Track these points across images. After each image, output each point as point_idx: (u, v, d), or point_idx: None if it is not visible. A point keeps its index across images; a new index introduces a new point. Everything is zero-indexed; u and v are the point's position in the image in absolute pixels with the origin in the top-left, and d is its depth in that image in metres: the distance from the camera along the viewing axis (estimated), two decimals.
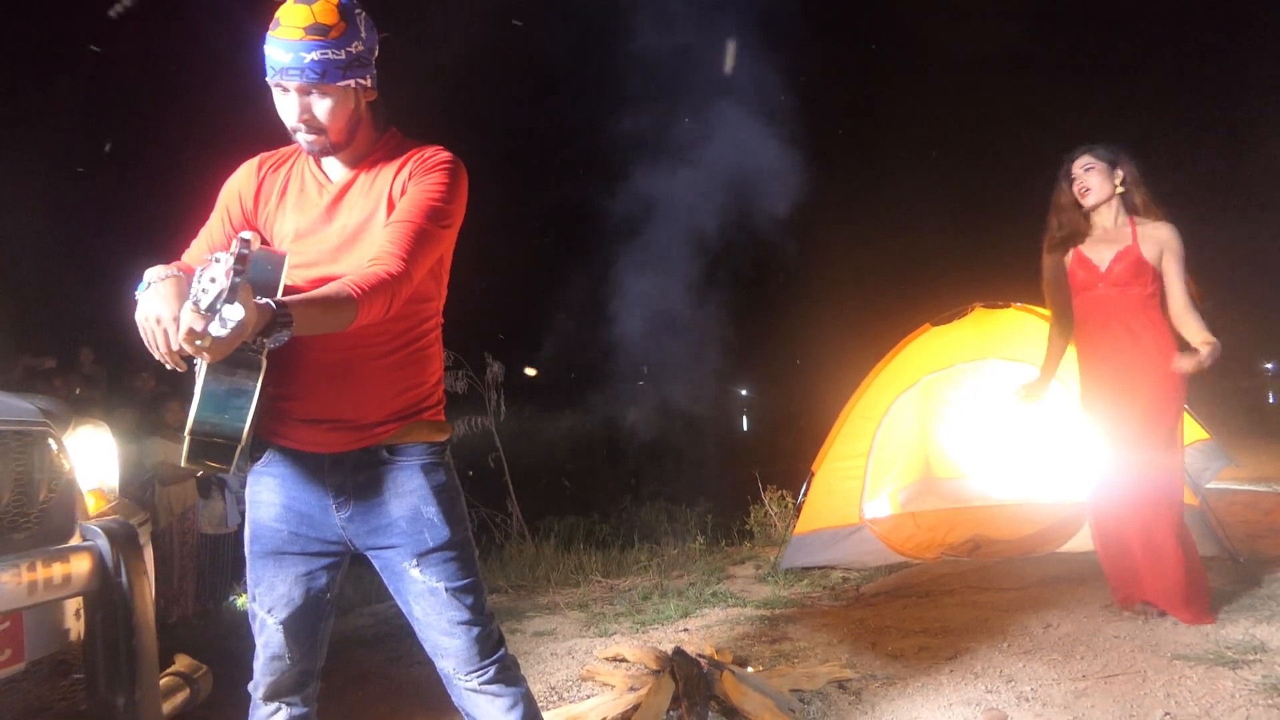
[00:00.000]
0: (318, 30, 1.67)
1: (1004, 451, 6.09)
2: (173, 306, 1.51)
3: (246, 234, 1.35)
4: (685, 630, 4.08)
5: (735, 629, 4.02)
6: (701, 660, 3.08)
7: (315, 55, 1.67)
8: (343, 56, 1.70)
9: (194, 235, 1.94)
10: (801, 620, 4.10)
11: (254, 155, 1.92)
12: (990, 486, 6.09)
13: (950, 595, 4.33)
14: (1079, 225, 3.56)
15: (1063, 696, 2.82)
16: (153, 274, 1.62)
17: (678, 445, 11.19)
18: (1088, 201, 3.51)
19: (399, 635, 4.34)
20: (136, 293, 1.60)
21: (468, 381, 7.27)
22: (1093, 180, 3.50)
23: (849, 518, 5.36)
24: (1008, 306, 5.45)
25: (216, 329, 1.29)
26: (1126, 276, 3.42)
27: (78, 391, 5.67)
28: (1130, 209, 3.54)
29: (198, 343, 1.32)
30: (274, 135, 1.83)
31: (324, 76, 1.69)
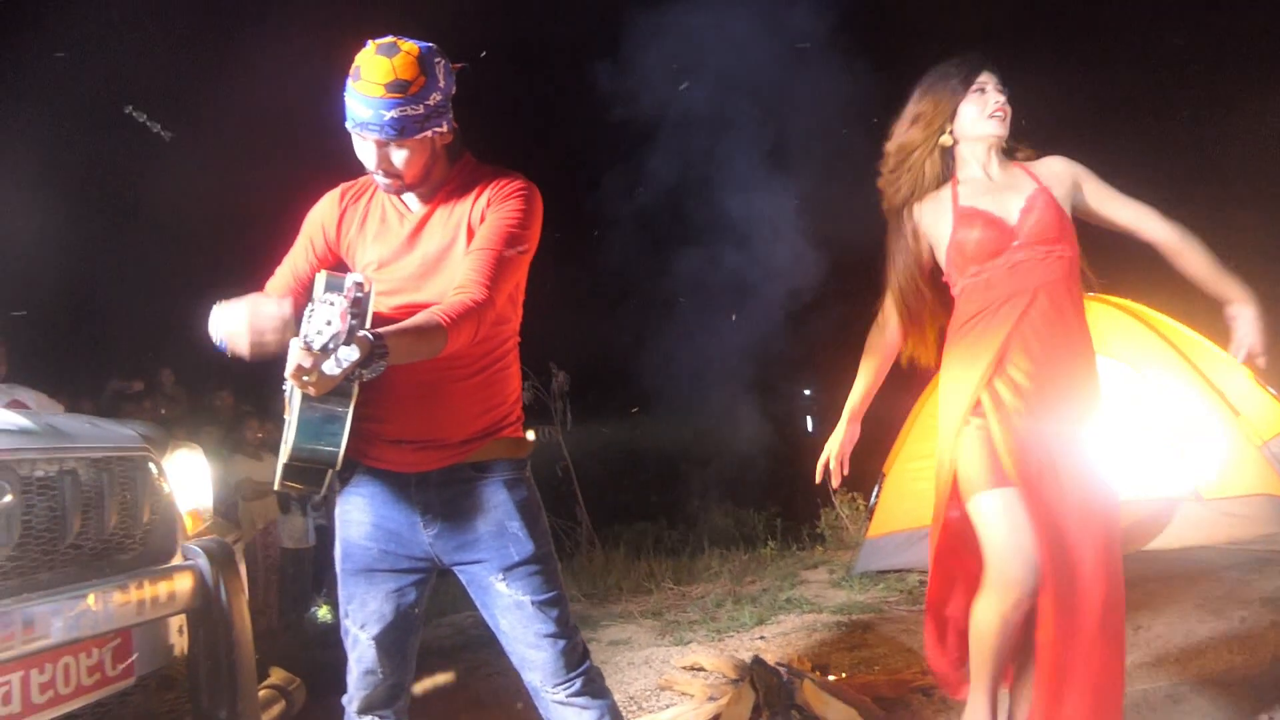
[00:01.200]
0: (397, 87, 1.69)
1: (1086, 448, 5.90)
2: (241, 320, 1.56)
3: (359, 277, 1.40)
4: (762, 638, 4.07)
5: (812, 636, 3.99)
6: (781, 669, 3.06)
7: (394, 113, 1.70)
8: (420, 111, 1.72)
9: (266, 255, 2.02)
10: (880, 626, 4.04)
11: (334, 188, 1.98)
12: None
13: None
14: (932, 166, 2.39)
15: (1160, 702, 2.74)
16: (225, 308, 1.68)
17: (743, 448, 11.14)
18: (1000, 127, 2.33)
19: (475, 645, 4.42)
20: (216, 326, 1.67)
21: (533, 391, 7.36)
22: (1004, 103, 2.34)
23: (924, 519, 5.22)
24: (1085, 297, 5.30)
25: (330, 368, 1.35)
26: (1050, 231, 2.26)
27: (162, 412, 5.89)
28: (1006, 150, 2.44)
29: (305, 379, 1.38)
30: (351, 165, 1.88)
31: (402, 133, 1.72)
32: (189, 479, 2.48)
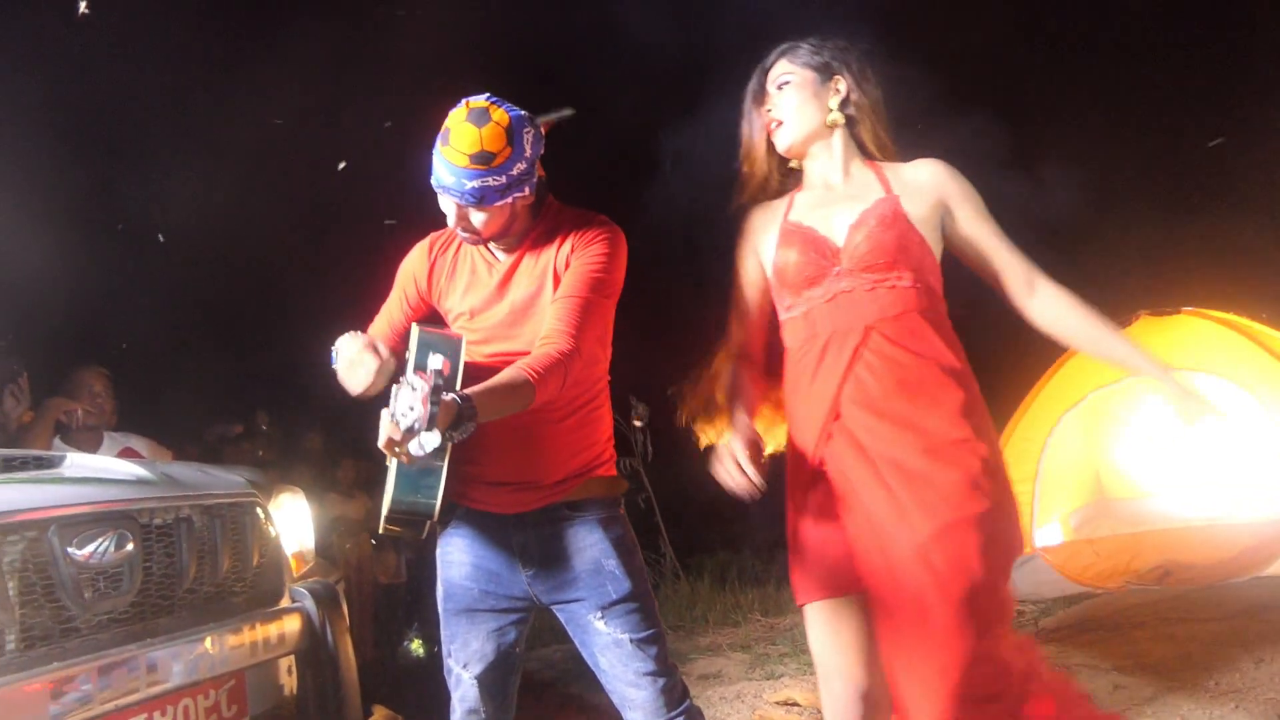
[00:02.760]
0: (482, 159, 1.72)
1: (1191, 468, 5.65)
2: (361, 343, 1.72)
3: (438, 363, 1.47)
4: None
5: None
6: None
7: (476, 183, 1.74)
8: (503, 181, 1.76)
9: (353, 302, 2.11)
10: None
11: (425, 239, 2.04)
12: (1177, 506, 5.65)
13: (1141, 628, 4.04)
14: (774, 180, 1.99)
15: None
16: (343, 345, 1.78)
17: None
18: (779, 141, 1.93)
19: (567, 680, 4.43)
20: (332, 364, 1.78)
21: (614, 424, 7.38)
22: (787, 103, 1.90)
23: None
24: (1177, 313, 5.11)
25: (415, 449, 1.43)
26: (883, 254, 1.80)
27: (260, 454, 6.11)
28: (863, 148, 1.96)
29: (395, 449, 1.46)
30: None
31: (482, 201, 1.77)
32: (292, 522, 2.57)
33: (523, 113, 1.80)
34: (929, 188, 1.88)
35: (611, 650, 1.87)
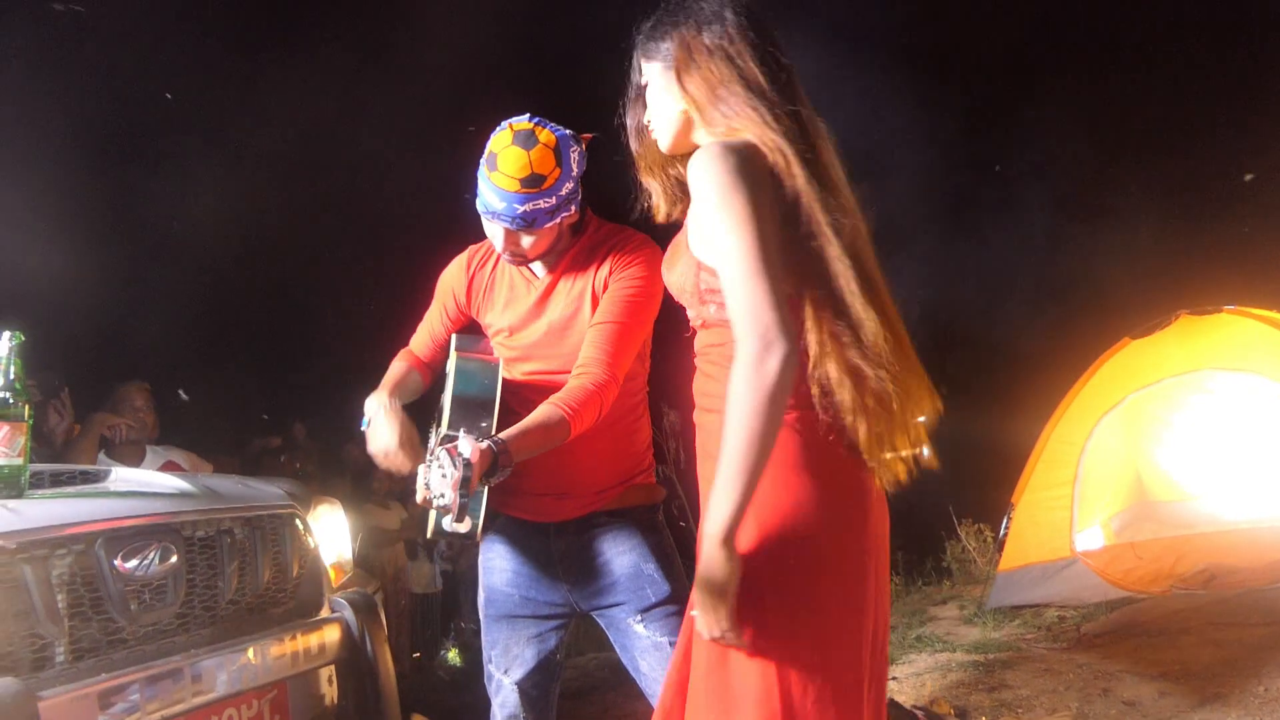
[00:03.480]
0: (532, 182, 1.73)
1: (1236, 469, 5.54)
2: (394, 436, 1.73)
3: (467, 450, 1.48)
4: (894, 678, 3.93)
5: (947, 676, 3.84)
6: (919, 712, 2.96)
7: (527, 207, 1.74)
8: (553, 202, 1.76)
9: (390, 315, 2.14)
10: (1019, 665, 3.86)
11: (463, 253, 2.06)
12: (1221, 509, 5.54)
13: (1187, 633, 3.96)
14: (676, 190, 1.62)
15: None
16: (371, 408, 1.82)
17: None
18: (661, 149, 1.56)
19: (604, 688, 4.43)
20: (362, 427, 1.82)
21: None
22: (651, 106, 1.55)
23: (1059, 550, 5.02)
24: (1218, 311, 5.01)
25: (448, 524, 1.50)
26: (680, 293, 1.51)
27: (298, 466, 6.19)
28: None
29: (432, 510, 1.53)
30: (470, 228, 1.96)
31: (533, 224, 1.77)
32: (331, 532, 2.59)
33: (566, 131, 1.80)
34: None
35: (651, 654, 1.87)
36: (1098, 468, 5.28)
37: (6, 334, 1.93)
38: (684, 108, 1.47)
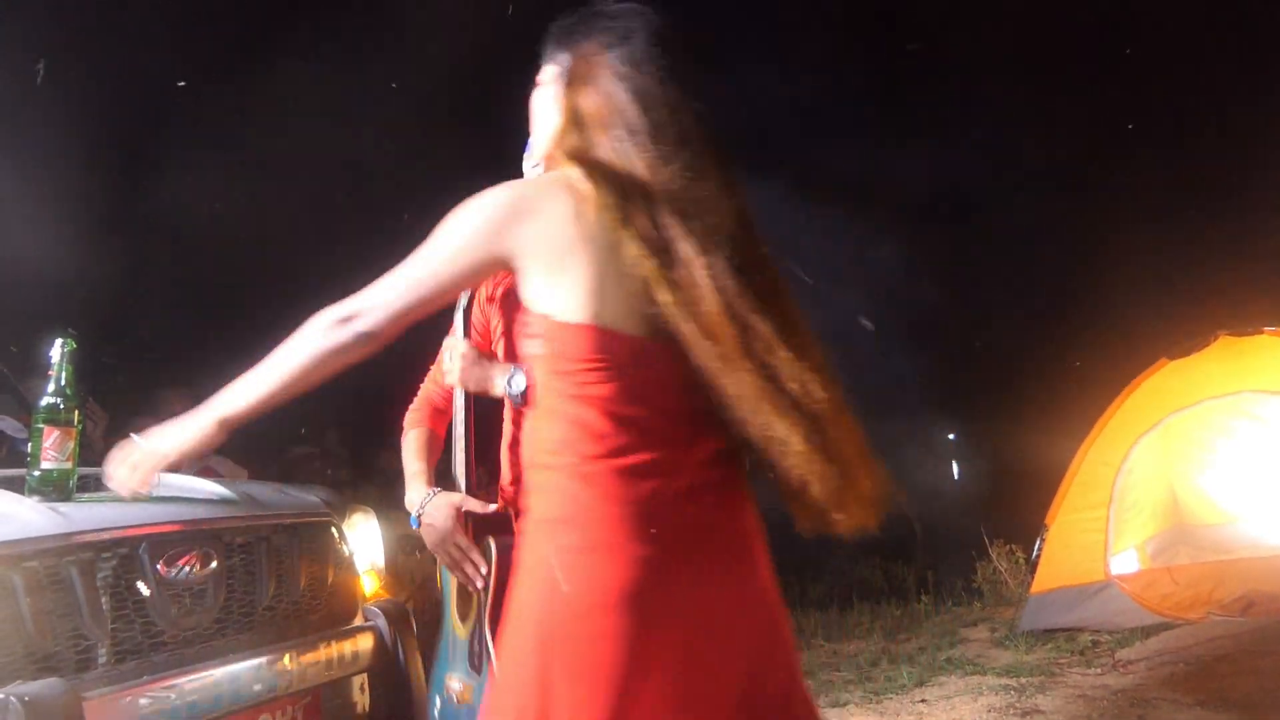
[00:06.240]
0: None
1: (1275, 493, 5.43)
2: (452, 524, 1.74)
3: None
4: (924, 700, 3.89)
5: (979, 700, 3.79)
6: None
7: None
8: None
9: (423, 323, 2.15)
10: (1053, 690, 3.80)
11: None
12: (1261, 534, 5.43)
13: (1225, 661, 3.88)
14: None
15: None
16: (413, 503, 1.83)
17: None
18: (536, 151, 1.54)
19: None
20: (413, 526, 1.82)
21: None
22: (536, 108, 1.49)
23: (1093, 574, 4.94)
24: (1258, 333, 4.93)
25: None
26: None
27: (329, 473, 6.26)
28: None
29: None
30: None
31: None
32: (364, 541, 2.62)
33: None
34: None
35: None
36: (1134, 490, 5.20)
37: (59, 341, 1.98)
38: (560, 122, 1.39)
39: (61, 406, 1.96)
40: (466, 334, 1.81)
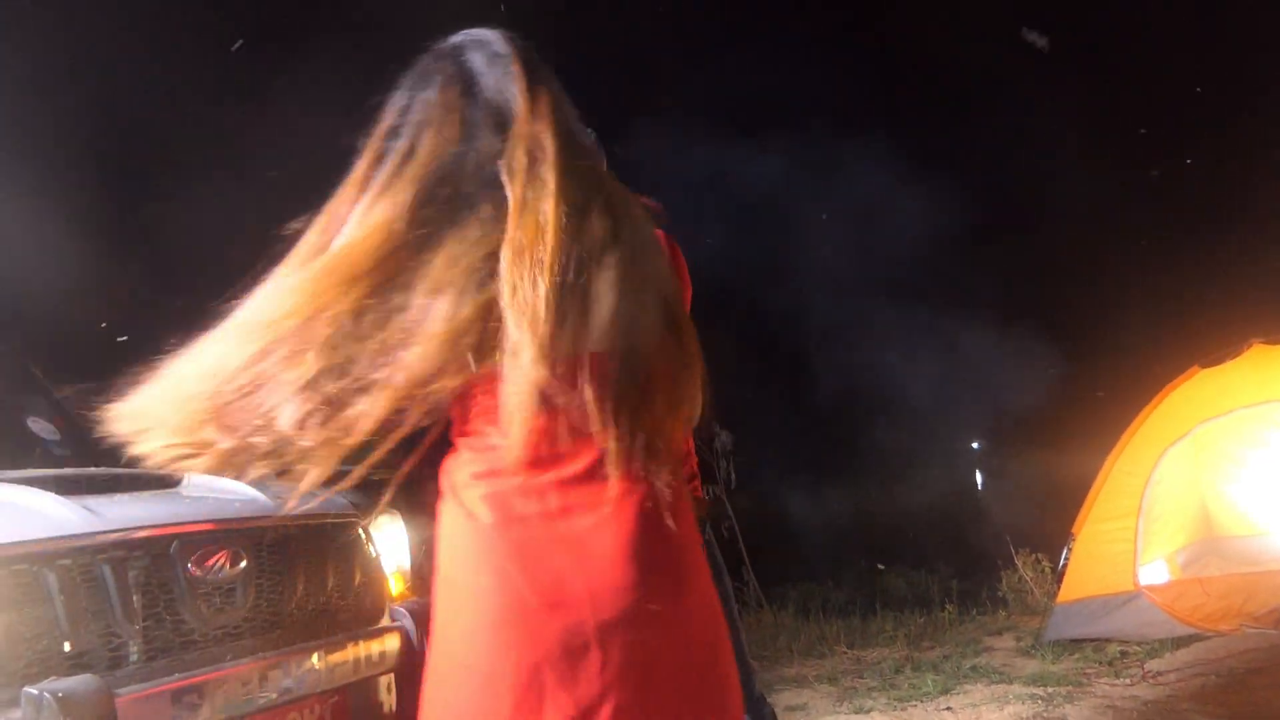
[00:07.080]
0: None
1: None
2: None
3: None
4: (948, 708, 3.86)
5: (1005, 708, 3.75)
6: None
7: None
8: None
9: None
10: (1081, 700, 3.75)
11: None
12: None
13: (1259, 674, 3.82)
14: None
15: None
16: None
17: (910, 505, 10.72)
18: None
19: None
20: None
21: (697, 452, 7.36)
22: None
23: (1121, 584, 4.87)
24: None
25: None
26: None
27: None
28: None
29: None
30: None
31: None
32: (391, 542, 2.64)
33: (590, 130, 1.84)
34: None
35: None
36: (1163, 500, 5.13)
37: None
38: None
39: None
40: None
